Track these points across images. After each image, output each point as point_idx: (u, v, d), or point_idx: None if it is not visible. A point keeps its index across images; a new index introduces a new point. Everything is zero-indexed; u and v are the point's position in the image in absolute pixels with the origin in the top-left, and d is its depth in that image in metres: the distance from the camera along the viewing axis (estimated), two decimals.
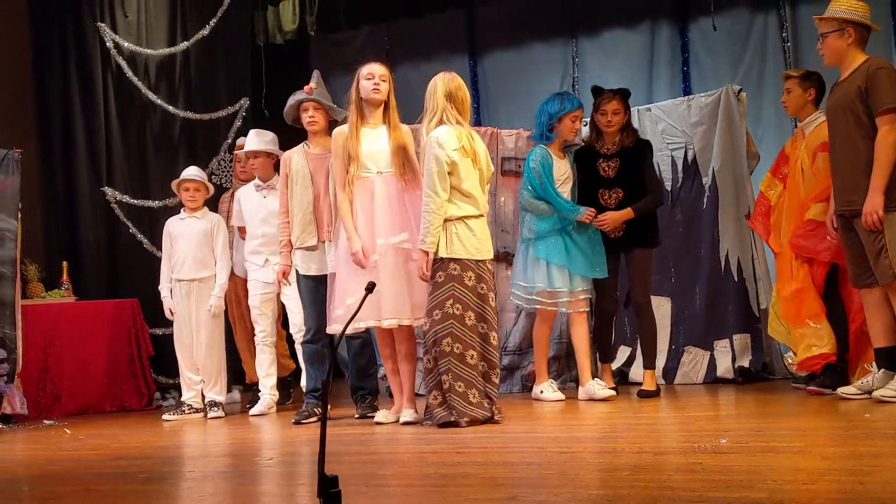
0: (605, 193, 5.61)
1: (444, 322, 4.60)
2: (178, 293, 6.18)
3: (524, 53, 8.91)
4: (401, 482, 3.30)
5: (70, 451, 4.71)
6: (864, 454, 3.19)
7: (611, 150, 5.65)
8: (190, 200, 6.23)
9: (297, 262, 5.36)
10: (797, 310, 5.17)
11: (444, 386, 4.57)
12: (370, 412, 5.22)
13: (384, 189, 4.92)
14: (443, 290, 4.64)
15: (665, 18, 8.44)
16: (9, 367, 6.06)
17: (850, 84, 4.59)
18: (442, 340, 4.58)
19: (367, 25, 9.41)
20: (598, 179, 5.63)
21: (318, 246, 5.31)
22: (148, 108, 7.75)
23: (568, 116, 5.52)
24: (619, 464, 3.28)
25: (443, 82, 4.82)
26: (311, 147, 5.43)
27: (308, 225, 5.31)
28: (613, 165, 5.63)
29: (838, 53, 4.66)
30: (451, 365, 4.57)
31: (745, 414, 4.68)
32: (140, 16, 7.83)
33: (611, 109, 5.63)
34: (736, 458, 3.23)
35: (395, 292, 4.80)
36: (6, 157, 6.39)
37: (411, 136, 5.08)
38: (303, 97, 5.40)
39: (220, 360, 6.19)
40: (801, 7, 7.94)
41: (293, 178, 5.35)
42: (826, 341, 5.05)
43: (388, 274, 4.78)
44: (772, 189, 5.54)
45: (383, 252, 4.84)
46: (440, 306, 4.62)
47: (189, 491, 3.33)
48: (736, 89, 6.22)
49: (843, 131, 4.60)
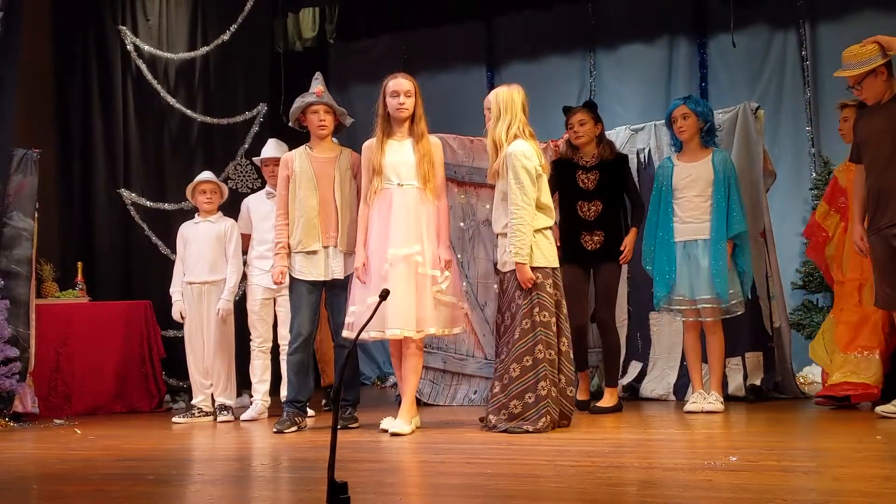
0: (585, 205, 5.66)
1: (535, 330, 4.68)
2: (190, 296, 6.20)
3: (542, 66, 8.93)
4: (409, 491, 3.30)
5: (80, 451, 4.72)
6: (876, 476, 3.16)
7: (590, 163, 5.71)
8: (207, 202, 6.24)
9: (295, 266, 5.25)
10: (852, 337, 5.29)
11: (542, 392, 4.62)
12: (352, 423, 5.23)
13: (402, 200, 4.94)
14: (529, 299, 4.71)
15: (684, 34, 8.45)
16: (21, 365, 6.09)
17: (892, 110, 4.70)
18: (535, 348, 4.65)
19: (385, 35, 9.47)
20: (577, 191, 5.67)
21: (319, 251, 5.23)
22: (166, 112, 7.79)
23: (673, 115, 5.54)
24: (628, 479, 3.26)
25: (518, 94, 4.88)
26: (314, 150, 5.34)
27: (312, 229, 5.21)
28: (593, 178, 5.68)
29: (880, 91, 4.76)
30: (546, 371, 4.65)
31: (756, 432, 4.65)
32: (161, 20, 7.88)
33: (576, 121, 5.72)
34: (746, 476, 3.21)
35: (403, 303, 4.80)
36: (24, 157, 6.44)
37: (440, 147, 5.11)
38: (313, 100, 5.33)
39: (229, 363, 6.20)
40: (820, 25, 7.94)
41: (296, 181, 5.26)
42: (873, 372, 5.15)
43: (396, 285, 4.76)
44: (828, 220, 5.69)
45: (394, 262, 4.84)
46: (529, 315, 4.69)
47: (197, 494, 3.33)
48: (753, 107, 6.20)
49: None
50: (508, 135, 4.80)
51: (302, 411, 5.27)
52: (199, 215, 6.33)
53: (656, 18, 8.51)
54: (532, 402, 4.62)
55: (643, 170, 6.45)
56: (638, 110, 8.23)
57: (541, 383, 4.62)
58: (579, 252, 5.61)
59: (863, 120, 4.88)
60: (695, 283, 5.32)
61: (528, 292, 4.73)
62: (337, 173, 5.26)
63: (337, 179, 5.25)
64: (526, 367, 4.65)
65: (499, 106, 4.85)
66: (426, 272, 4.89)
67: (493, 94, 4.92)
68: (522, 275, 4.71)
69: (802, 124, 7.99)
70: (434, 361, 6.48)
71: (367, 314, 4.23)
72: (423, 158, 4.96)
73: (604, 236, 5.60)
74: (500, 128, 4.82)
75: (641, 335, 6.46)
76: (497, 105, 4.85)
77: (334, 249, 5.23)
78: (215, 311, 6.12)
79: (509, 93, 4.87)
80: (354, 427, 5.20)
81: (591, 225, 5.63)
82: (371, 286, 4.86)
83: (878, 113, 4.77)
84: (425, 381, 6.41)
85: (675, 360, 6.22)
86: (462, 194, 6.59)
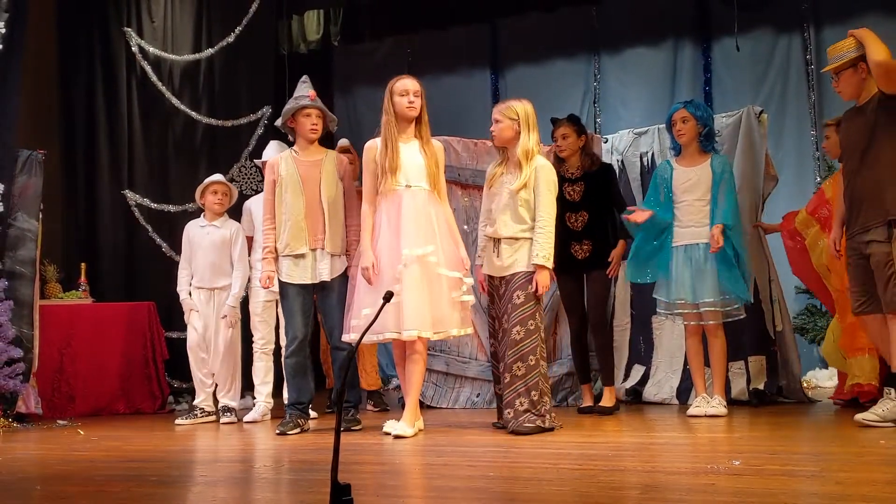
0: (572, 217, 5.76)
1: (533, 335, 4.75)
2: (198, 300, 6.20)
3: (546, 69, 8.94)
4: (411, 493, 3.30)
5: (83, 452, 4.72)
6: (879, 480, 3.16)
7: (575, 175, 5.80)
8: (218, 204, 6.24)
9: (283, 270, 5.26)
10: (851, 341, 5.44)
11: (535, 397, 4.71)
12: (354, 425, 5.23)
13: (412, 202, 4.95)
14: (532, 304, 4.79)
15: (688, 37, 8.45)
16: (25, 366, 6.10)
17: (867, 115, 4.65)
18: (531, 354, 4.72)
19: (390, 37, 9.48)
20: (564, 203, 5.69)
21: (307, 254, 5.23)
22: (171, 113, 7.81)
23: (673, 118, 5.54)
24: (630, 482, 3.26)
25: (532, 109, 4.95)
26: (300, 154, 5.35)
27: (299, 232, 5.21)
28: (578, 189, 5.77)
29: (855, 88, 4.74)
30: (539, 378, 4.74)
31: (759, 436, 4.64)
32: (166, 21, 7.91)
33: (559, 134, 5.81)
34: (749, 480, 3.21)
35: (418, 304, 4.80)
36: (29, 159, 6.46)
37: (443, 152, 5.14)
38: (307, 103, 5.33)
39: (235, 366, 6.22)
40: (825, 29, 7.93)
41: (283, 185, 5.26)
42: (869, 370, 5.32)
43: (411, 285, 4.78)
44: (809, 228, 5.77)
45: (409, 263, 4.84)
46: (532, 317, 4.77)
47: (200, 495, 3.33)
48: (757, 111, 6.20)
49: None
50: (532, 146, 4.89)
51: (304, 413, 5.28)
52: (205, 217, 6.33)
53: (660, 22, 8.51)
54: (537, 399, 4.71)
55: (646, 173, 6.45)
56: (642, 114, 8.23)
57: (533, 391, 4.71)
58: (570, 261, 5.71)
59: (844, 124, 4.88)
60: (697, 287, 5.32)
61: (532, 296, 4.77)
62: (323, 176, 5.27)
63: (323, 182, 5.26)
64: (531, 366, 4.71)
65: (528, 119, 4.92)
66: (442, 272, 4.90)
67: (520, 107, 4.93)
68: (544, 278, 4.77)
69: (806, 128, 7.99)
70: (437, 364, 6.48)
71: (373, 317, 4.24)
72: (431, 160, 4.99)
73: (591, 245, 5.70)
74: (532, 141, 4.90)
75: (644, 339, 6.46)
76: (526, 118, 4.92)
77: (321, 252, 5.23)
78: (221, 316, 6.14)
79: (530, 108, 4.96)
80: (357, 429, 5.21)
81: (579, 235, 5.73)
82: (381, 287, 4.81)
83: (856, 117, 4.75)
84: (428, 383, 6.41)
85: (678, 364, 6.21)
86: (466, 197, 6.60)
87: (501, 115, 4.94)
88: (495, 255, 4.94)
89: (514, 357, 4.74)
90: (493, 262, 4.96)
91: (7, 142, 6.30)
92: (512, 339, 4.75)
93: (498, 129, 4.94)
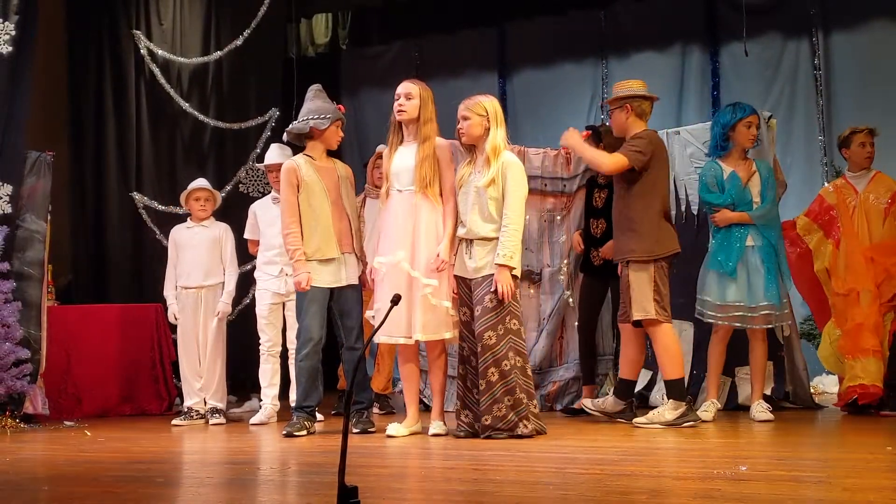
0: (594, 223, 5.88)
1: (506, 337, 4.69)
2: (186, 301, 6.26)
3: (554, 73, 8.94)
4: (417, 497, 3.30)
5: (90, 453, 4.74)
6: (886, 487, 3.15)
7: (603, 182, 5.85)
8: (201, 210, 6.32)
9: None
10: (854, 342, 5.40)
11: (516, 399, 4.65)
12: (370, 427, 5.24)
13: (399, 206, 5.02)
14: (504, 306, 4.70)
15: (696, 42, 8.44)
16: (32, 367, 6.11)
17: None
18: (504, 359, 4.67)
19: (398, 41, 9.49)
20: (590, 209, 5.89)
21: (337, 258, 5.23)
22: (179, 116, 7.83)
23: (741, 123, 5.44)
24: (637, 487, 3.26)
25: (499, 104, 4.94)
26: (316, 159, 5.34)
27: (329, 237, 5.21)
28: (603, 196, 5.84)
29: (620, 126, 5.27)
30: (518, 379, 4.68)
31: (765, 442, 4.63)
32: (175, 24, 7.93)
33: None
34: (756, 485, 3.20)
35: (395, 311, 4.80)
36: (38, 160, 6.47)
37: (446, 150, 5.09)
38: (342, 116, 5.42)
39: (221, 367, 6.28)
40: (833, 34, 7.92)
41: (307, 189, 5.23)
42: (872, 371, 5.29)
43: (387, 293, 4.82)
44: (812, 234, 5.79)
45: (386, 271, 4.98)
46: (503, 322, 4.71)
47: (207, 497, 3.34)
48: (766, 116, 6.19)
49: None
50: (502, 142, 4.83)
51: (311, 416, 5.28)
52: (191, 220, 6.41)
53: (669, 26, 8.50)
54: (511, 405, 4.66)
55: None
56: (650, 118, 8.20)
57: (516, 390, 4.66)
58: (591, 266, 5.87)
59: None
60: (755, 289, 5.28)
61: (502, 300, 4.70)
62: (341, 182, 5.34)
63: (342, 188, 5.32)
64: (505, 371, 4.66)
65: (496, 115, 4.86)
66: (418, 276, 4.92)
67: (487, 102, 4.88)
68: (505, 278, 4.69)
69: (815, 133, 7.97)
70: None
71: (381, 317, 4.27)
72: (423, 161, 4.97)
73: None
74: (500, 136, 4.83)
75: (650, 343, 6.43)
76: (495, 113, 4.86)
77: (349, 255, 5.27)
78: (212, 315, 6.21)
79: (497, 103, 4.92)
80: (372, 431, 5.20)
81: (598, 242, 5.83)
82: (385, 291, 4.96)
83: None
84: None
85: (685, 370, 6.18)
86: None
87: (470, 112, 4.85)
88: (468, 256, 4.86)
89: (488, 362, 4.69)
90: (464, 264, 4.87)
91: (16, 143, 6.32)
92: (484, 345, 4.70)
93: (467, 126, 4.85)
